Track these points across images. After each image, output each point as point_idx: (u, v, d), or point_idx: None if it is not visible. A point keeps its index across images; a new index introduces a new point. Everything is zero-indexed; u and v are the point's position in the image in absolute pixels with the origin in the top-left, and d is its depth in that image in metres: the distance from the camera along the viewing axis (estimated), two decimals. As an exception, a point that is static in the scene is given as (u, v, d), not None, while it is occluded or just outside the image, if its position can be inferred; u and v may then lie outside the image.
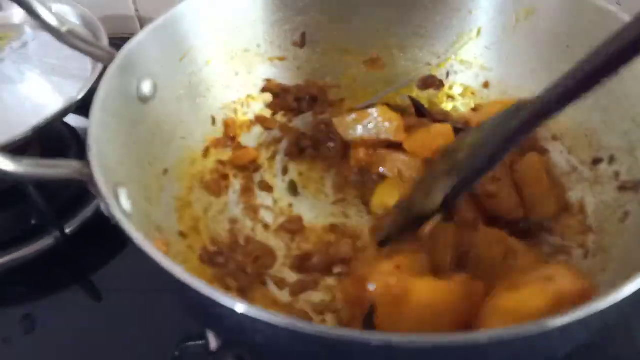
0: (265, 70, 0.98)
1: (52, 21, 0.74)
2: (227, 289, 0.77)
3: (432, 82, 1.01)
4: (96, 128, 0.66)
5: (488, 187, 0.78)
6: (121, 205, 0.65)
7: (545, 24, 0.89)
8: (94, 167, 0.61)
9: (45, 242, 0.97)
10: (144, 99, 0.80)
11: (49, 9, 0.75)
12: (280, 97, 0.99)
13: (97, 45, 0.77)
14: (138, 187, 0.75)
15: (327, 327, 0.47)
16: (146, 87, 0.79)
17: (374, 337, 0.46)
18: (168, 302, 0.87)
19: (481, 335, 0.46)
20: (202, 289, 0.51)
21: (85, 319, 0.90)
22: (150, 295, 0.89)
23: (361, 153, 0.89)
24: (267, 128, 0.98)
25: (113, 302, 0.92)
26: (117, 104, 0.73)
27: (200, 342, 0.83)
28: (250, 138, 0.97)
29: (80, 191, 1.03)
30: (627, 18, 0.78)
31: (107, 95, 0.70)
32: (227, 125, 0.94)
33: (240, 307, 0.49)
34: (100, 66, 0.99)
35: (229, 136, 0.94)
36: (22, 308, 0.91)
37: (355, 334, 0.47)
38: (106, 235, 0.97)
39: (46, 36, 1.17)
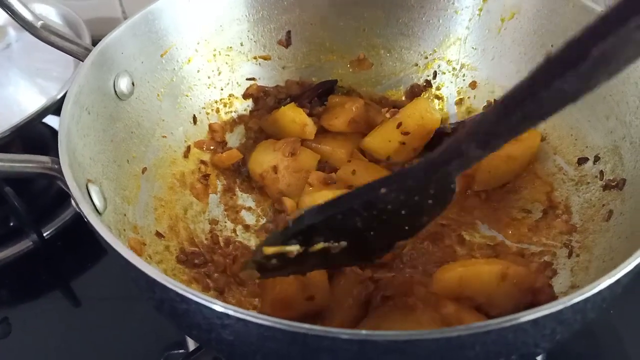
0: (248, 69, 0.96)
1: (27, 15, 0.73)
2: (205, 290, 0.75)
3: (419, 89, 1.00)
4: (68, 121, 0.64)
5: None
6: (92, 202, 0.64)
7: (530, 23, 0.88)
8: (62, 161, 0.60)
9: (23, 245, 0.96)
10: (121, 96, 0.78)
11: (24, 4, 0.74)
12: (261, 100, 0.97)
13: (74, 41, 0.75)
14: (115, 185, 0.73)
15: (297, 323, 0.45)
16: (124, 84, 0.78)
17: (344, 332, 0.45)
18: (148, 310, 0.86)
19: (452, 329, 0.44)
20: (169, 285, 0.49)
21: (64, 325, 0.88)
22: (131, 303, 0.88)
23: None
24: (250, 128, 0.96)
25: (92, 309, 0.90)
26: (92, 99, 0.72)
27: (182, 350, 0.81)
28: (233, 137, 0.95)
29: (59, 194, 1.02)
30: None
31: (81, 90, 0.69)
32: (213, 129, 0.93)
33: (209, 303, 0.48)
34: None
35: (217, 140, 0.93)
36: (-1, 312, 0.90)
37: (325, 329, 0.45)
38: (86, 240, 0.96)
39: (30, 38, 1.17)
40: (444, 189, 0.57)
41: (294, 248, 0.59)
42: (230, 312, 0.46)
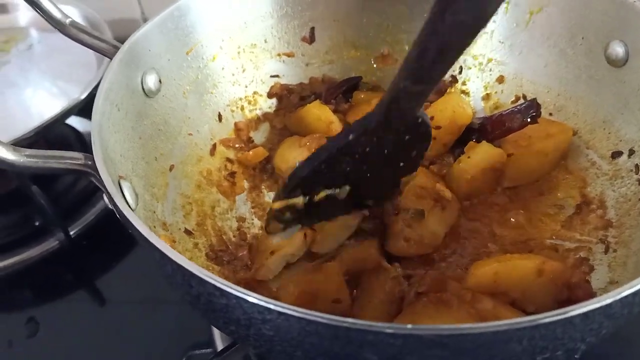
0: (273, 67, 0.96)
1: (56, 13, 0.73)
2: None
3: (445, 85, 0.98)
4: (100, 118, 0.64)
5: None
6: (125, 198, 0.63)
7: (559, 16, 0.86)
8: (97, 156, 0.59)
9: (49, 244, 0.96)
10: (149, 93, 0.78)
11: (53, 3, 0.74)
12: (285, 99, 0.97)
13: (101, 39, 0.75)
14: (143, 183, 0.73)
15: (340, 317, 0.45)
16: (151, 81, 0.78)
17: (389, 326, 0.44)
18: (173, 309, 0.86)
19: (500, 324, 0.43)
20: (209, 279, 0.48)
21: (90, 324, 0.88)
22: (155, 302, 0.88)
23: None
24: (275, 127, 0.96)
25: (118, 308, 0.90)
26: (122, 96, 0.71)
27: (208, 350, 0.81)
28: (258, 135, 0.95)
29: (85, 193, 1.03)
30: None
31: (111, 87, 0.69)
32: (238, 128, 0.93)
33: (250, 297, 0.47)
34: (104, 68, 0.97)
35: (242, 139, 0.92)
36: (26, 311, 0.90)
37: (369, 323, 0.44)
38: (111, 238, 0.97)
39: (52, 39, 1.18)
40: (411, 124, 0.62)
41: (298, 200, 0.65)
42: (272, 307, 0.45)
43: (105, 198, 0.60)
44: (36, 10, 0.72)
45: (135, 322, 0.87)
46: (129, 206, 0.63)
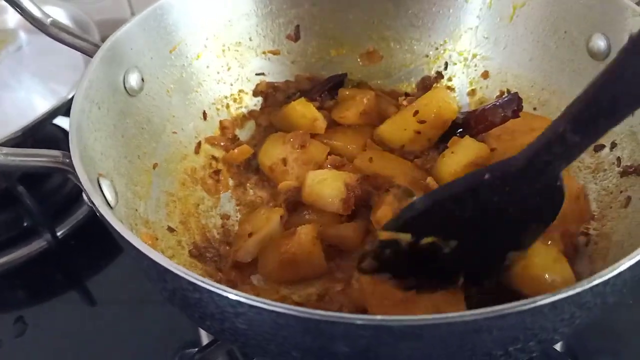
0: (258, 64, 0.96)
1: (37, 13, 0.73)
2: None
3: (430, 81, 0.99)
4: (78, 116, 0.64)
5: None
6: (104, 195, 0.64)
7: (543, 10, 0.87)
8: (73, 154, 0.60)
9: (37, 245, 0.96)
10: (131, 92, 0.78)
11: (33, 2, 0.74)
12: (270, 97, 0.97)
13: (83, 38, 0.75)
14: (126, 181, 0.73)
15: (310, 309, 0.45)
16: (134, 79, 0.78)
17: (358, 317, 0.44)
18: (163, 309, 0.86)
19: (469, 313, 0.43)
20: (181, 273, 0.49)
21: (79, 324, 0.88)
22: (145, 302, 0.89)
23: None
24: (260, 125, 0.96)
25: (107, 308, 0.90)
26: (102, 94, 0.72)
27: (196, 349, 0.81)
28: (244, 133, 0.95)
29: (72, 194, 1.03)
30: (627, 1, 0.76)
31: (91, 85, 0.69)
32: (223, 126, 0.93)
33: (222, 291, 0.47)
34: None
35: (227, 137, 0.93)
36: (14, 311, 0.90)
37: (338, 314, 0.45)
38: (100, 239, 0.96)
39: (41, 41, 1.18)
40: (549, 184, 0.56)
41: (406, 236, 0.60)
42: (243, 300, 0.46)
43: (84, 196, 0.60)
44: (17, 10, 0.73)
45: (125, 322, 0.87)
46: (108, 204, 0.63)
